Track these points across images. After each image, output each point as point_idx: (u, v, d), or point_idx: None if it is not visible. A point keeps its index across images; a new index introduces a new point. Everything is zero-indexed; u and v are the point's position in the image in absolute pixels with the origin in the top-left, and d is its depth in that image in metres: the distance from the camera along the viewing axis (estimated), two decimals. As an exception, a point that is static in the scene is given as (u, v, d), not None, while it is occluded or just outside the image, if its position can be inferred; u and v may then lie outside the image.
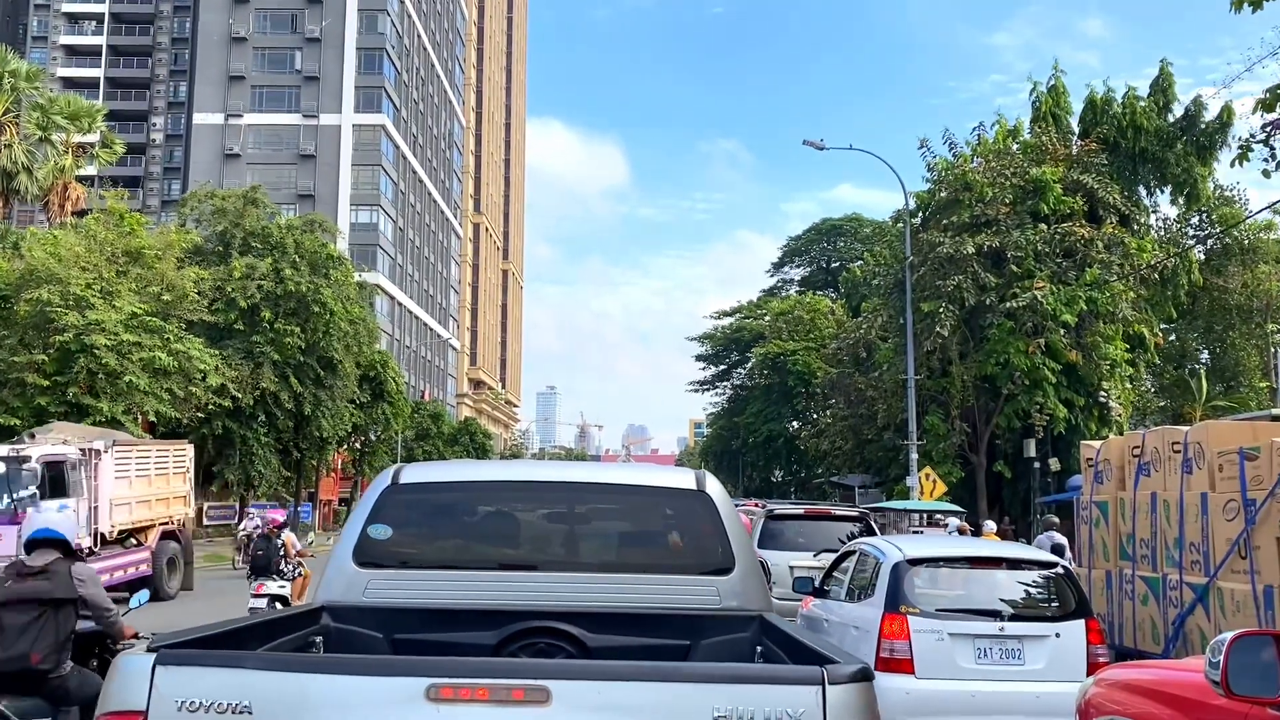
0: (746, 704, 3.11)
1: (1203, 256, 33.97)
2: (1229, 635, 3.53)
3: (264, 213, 45.62)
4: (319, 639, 4.83)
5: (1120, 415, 29.86)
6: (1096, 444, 12.13)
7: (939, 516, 28.49)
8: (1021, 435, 31.83)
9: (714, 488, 5.23)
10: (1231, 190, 34.81)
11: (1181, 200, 32.38)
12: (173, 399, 33.08)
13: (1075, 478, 27.65)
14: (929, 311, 29.21)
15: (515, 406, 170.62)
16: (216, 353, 36.92)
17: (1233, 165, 14.49)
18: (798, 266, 77.88)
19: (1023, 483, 31.89)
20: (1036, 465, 30.99)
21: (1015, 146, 32.06)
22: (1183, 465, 9.69)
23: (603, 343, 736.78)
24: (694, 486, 5.19)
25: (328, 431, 46.39)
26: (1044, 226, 29.56)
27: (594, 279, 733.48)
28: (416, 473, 5.35)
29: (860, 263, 58.78)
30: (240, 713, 3.15)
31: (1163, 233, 33.95)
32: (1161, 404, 34.26)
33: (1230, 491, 8.76)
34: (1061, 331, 28.45)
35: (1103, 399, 29.41)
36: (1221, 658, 3.47)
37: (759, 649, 4.78)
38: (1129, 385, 30.65)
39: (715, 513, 5.11)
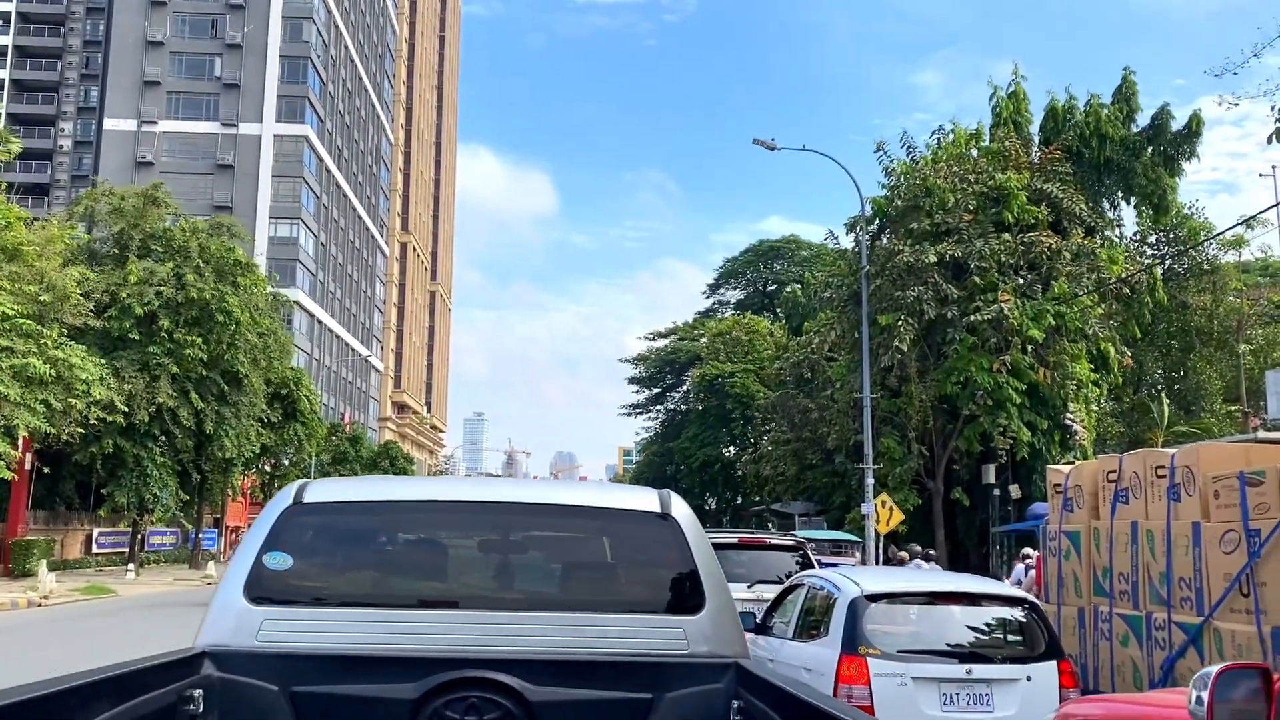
0: None
1: (1160, 275, 32.39)
2: (1215, 669, 3.27)
3: (166, 214, 42.15)
4: (198, 693, 3.96)
5: (1085, 440, 27.97)
6: (1065, 469, 11.20)
7: (844, 546, 26.65)
8: (980, 460, 29.86)
9: (681, 510, 4.50)
10: (1190, 208, 33.48)
11: (1149, 212, 30.86)
12: (49, 412, 29.58)
13: (1038, 505, 25.77)
14: (886, 325, 27.06)
15: (441, 431, 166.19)
16: (103, 362, 33.44)
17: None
18: (734, 289, 76.06)
19: (981, 511, 29.86)
20: (996, 492, 28.98)
21: (975, 152, 30.21)
22: (1169, 491, 8.85)
23: (531, 369, 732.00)
24: (658, 509, 4.47)
25: (231, 452, 42.81)
26: (1008, 236, 27.64)
27: (523, 304, 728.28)
28: (323, 490, 4.54)
29: (800, 285, 57.00)
30: None
31: (1125, 248, 32.31)
32: (1121, 429, 32.55)
33: (1229, 520, 7.92)
34: (1030, 348, 26.50)
35: (1068, 422, 27.50)
36: (1207, 692, 3.22)
37: (737, 704, 4.10)
38: (1094, 408, 28.82)
39: (683, 540, 4.40)
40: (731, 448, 60.21)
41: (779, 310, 66.96)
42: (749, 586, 12.55)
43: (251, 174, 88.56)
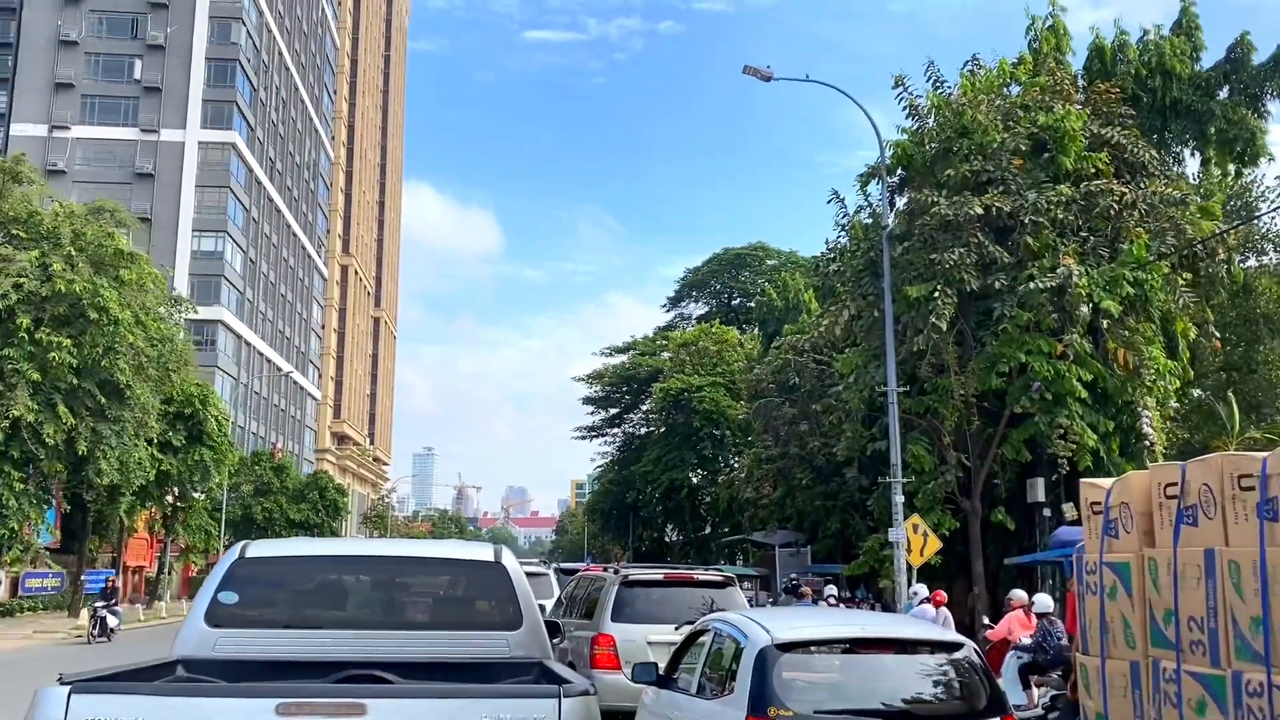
0: (507, 712, 4.43)
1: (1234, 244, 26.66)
2: None
3: (33, 193, 35.54)
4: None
5: (1158, 446, 22.24)
6: (1105, 482, 8.77)
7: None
8: (1021, 473, 24.08)
9: (508, 559, 6.51)
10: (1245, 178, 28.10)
11: (1229, 163, 25.39)
12: None
13: (1063, 530, 20.35)
14: (918, 298, 21.14)
15: (385, 464, 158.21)
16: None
17: None
18: (696, 301, 70.33)
19: (1027, 535, 24.01)
20: (1047, 513, 23.17)
21: (1017, 88, 24.55)
22: (1260, 509, 6.51)
23: (479, 404, 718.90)
24: (492, 559, 6.48)
25: (113, 477, 35.86)
26: (1064, 188, 21.94)
27: (469, 340, 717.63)
28: (260, 549, 6.42)
29: (775, 287, 51.18)
30: None
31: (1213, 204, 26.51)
32: (1185, 435, 26.90)
33: (1354, 549, 6.03)
34: (1105, 325, 20.73)
35: (1144, 422, 21.73)
36: None
37: None
38: (1173, 406, 23.15)
39: (508, 580, 6.38)
40: (698, 472, 53.92)
41: (745, 325, 61.38)
42: (675, 628, 11.48)
43: (173, 183, 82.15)
